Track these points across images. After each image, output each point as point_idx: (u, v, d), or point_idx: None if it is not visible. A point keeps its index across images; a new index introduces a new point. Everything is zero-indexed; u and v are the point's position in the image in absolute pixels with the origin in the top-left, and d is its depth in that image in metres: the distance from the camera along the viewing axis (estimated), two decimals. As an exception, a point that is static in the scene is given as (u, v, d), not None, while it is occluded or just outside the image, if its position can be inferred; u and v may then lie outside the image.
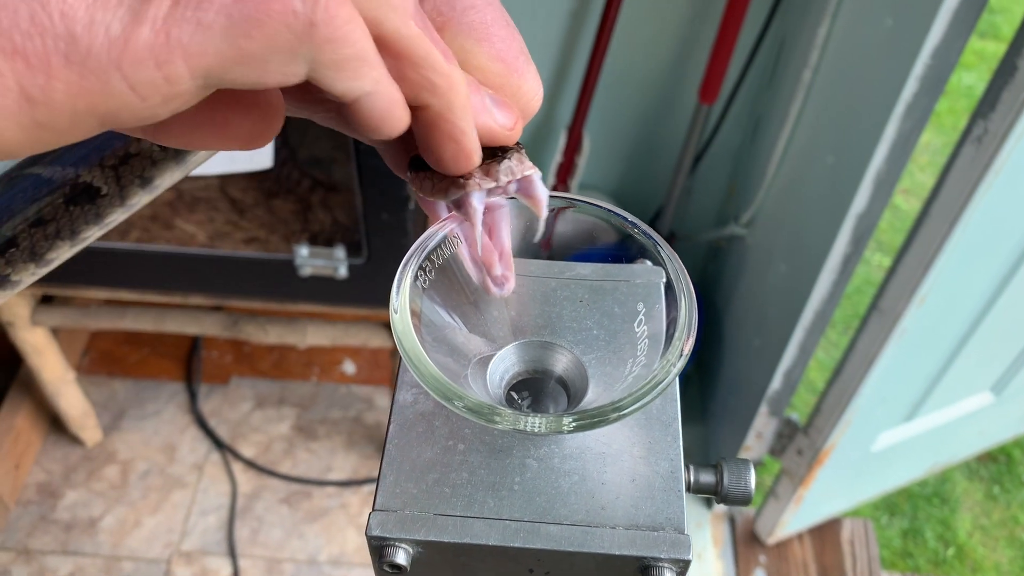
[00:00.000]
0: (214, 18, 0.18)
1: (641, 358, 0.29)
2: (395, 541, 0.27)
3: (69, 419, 1.44)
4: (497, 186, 0.25)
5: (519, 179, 0.25)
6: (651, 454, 0.29)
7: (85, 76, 0.17)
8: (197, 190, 1.20)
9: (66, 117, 0.18)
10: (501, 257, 0.30)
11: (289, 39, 0.18)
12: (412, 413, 0.30)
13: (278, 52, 0.18)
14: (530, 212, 0.31)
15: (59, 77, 0.17)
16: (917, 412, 1.26)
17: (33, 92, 0.17)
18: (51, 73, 0.17)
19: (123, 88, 0.18)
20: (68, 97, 0.17)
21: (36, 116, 0.18)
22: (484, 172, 0.25)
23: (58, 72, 0.17)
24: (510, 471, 0.28)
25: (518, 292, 0.32)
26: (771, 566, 1.41)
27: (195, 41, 0.18)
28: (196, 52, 0.18)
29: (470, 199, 0.25)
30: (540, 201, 0.26)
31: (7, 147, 0.18)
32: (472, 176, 0.25)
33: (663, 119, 1.38)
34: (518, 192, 0.26)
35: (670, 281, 0.29)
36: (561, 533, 0.27)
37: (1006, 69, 0.78)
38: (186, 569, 1.37)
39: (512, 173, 0.25)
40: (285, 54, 0.18)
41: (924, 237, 0.92)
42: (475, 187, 0.25)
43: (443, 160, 0.24)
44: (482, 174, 0.25)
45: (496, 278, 0.30)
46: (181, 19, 0.17)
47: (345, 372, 1.62)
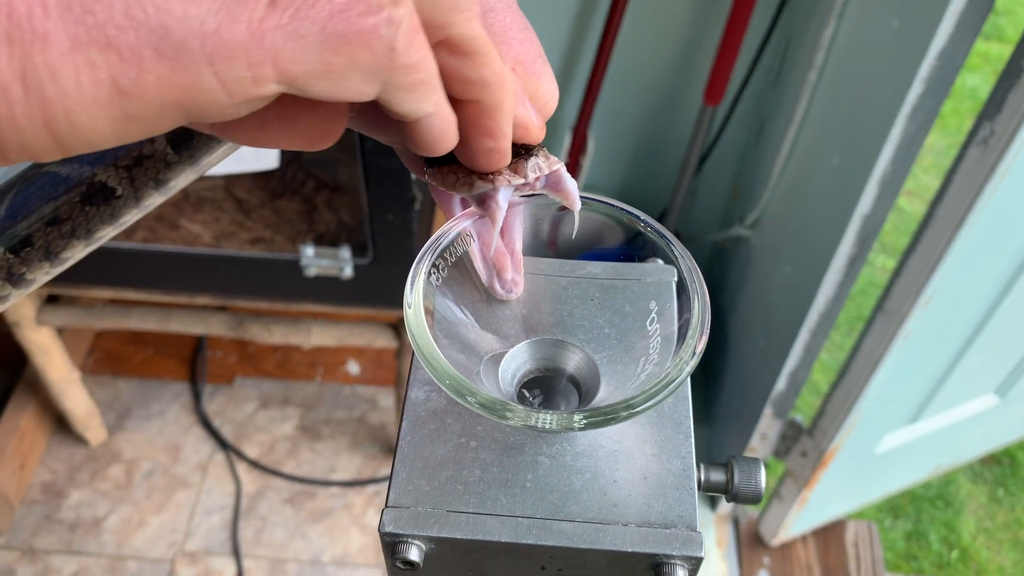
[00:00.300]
0: (309, 29, 0.18)
1: (653, 356, 0.29)
2: (408, 537, 0.27)
3: (74, 419, 1.45)
4: (526, 183, 0.25)
5: (547, 175, 0.26)
6: (663, 452, 0.29)
7: (176, 70, 0.18)
8: (203, 190, 1.20)
9: (154, 110, 0.18)
10: (512, 258, 0.30)
11: (370, 60, 0.19)
12: (424, 411, 0.30)
13: (359, 71, 0.19)
14: (540, 212, 0.31)
15: (151, 70, 0.18)
16: (921, 414, 1.26)
17: (125, 84, 0.18)
18: (143, 66, 0.17)
19: (213, 83, 0.18)
20: (158, 90, 0.18)
21: (126, 108, 0.18)
22: (512, 169, 0.25)
23: (150, 65, 0.17)
24: (522, 468, 0.29)
25: (529, 290, 0.32)
26: (775, 568, 1.40)
27: (288, 47, 0.18)
28: (287, 58, 0.18)
29: (497, 196, 0.25)
30: (571, 194, 0.27)
31: (96, 138, 0.18)
32: (501, 173, 0.25)
33: (668, 120, 1.38)
34: (547, 187, 0.26)
35: (682, 280, 0.29)
36: (573, 530, 0.27)
37: (1012, 71, 0.78)
38: (190, 569, 1.37)
39: (540, 169, 0.25)
40: (364, 73, 0.19)
41: (929, 239, 0.92)
42: (504, 183, 0.25)
43: (478, 156, 0.24)
44: (511, 171, 0.25)
45: (506, 281, 0.30)
46: (277, 25, 0.18)
47: (349, 372, 1.62)
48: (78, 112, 0.18)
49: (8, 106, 0.17)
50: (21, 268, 0.27)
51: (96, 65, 0.17)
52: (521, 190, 0.26)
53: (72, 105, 0.17)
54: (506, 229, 0.30)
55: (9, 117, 0.17)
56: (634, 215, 0.30)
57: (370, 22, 0.18)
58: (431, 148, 0.22)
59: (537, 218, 0.31)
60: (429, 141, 0.22)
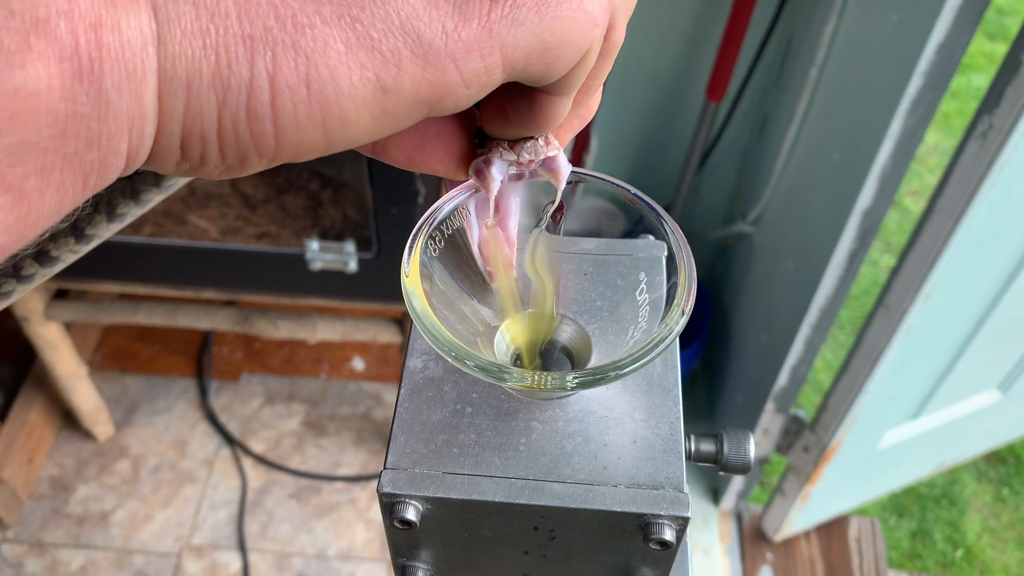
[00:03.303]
0: (526, 15, 0.20)
1: (642, 324, 0.30)
2: (405, 498, 0.28)
3: (82, 414, 1.46)
4: (518, 161, 0.26)
5: (542, 160, 0.26)
6: (652, 417, 0.30)
7: (427, 69, 0.20)
8: (209, 186, 1.22)
9: (408, 106, 0.20)
10: (506, 236, 0.31)
11: (578, 34, 0.21)
12: (422, 378, 0.31)
13: (570, 46, 0.21)
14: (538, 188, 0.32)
15: (407, 70, 0.19)
16: (924, 409, 1.26)
17: (387, 83, 0.19)
18: (401, 66, 0.19)
19: (455, 78, 0.20)
20: (412, 87, 0.20)
21: (385, 105, 0.20)
22: (510, 146, 0.26)
23: (407, 65, 0.19)
24: (516, 433, 0.29)
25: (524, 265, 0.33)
26: (778, 563, 1.41)
27: (511, 35, 0.20)
28: (511, 45, 0.20)
29: (491, 168, 0.26)
30: (559, 173, 0.28)
31: (357, 134, 0.20)
32: (498, 146, 0.26)
33: (671, 117, 1.39)
34: (541, 167, 0.27)
35: (671, 253, 0.30)
36: (565, 491, 0.28)
37: (1011, 65, 0.78)
38: (196, 563, 1.38)
39: (536, 153, 0.26)
40: (574, 49, 0.21)
41: (930, 232, 0.92)
42: (497, 156, 0.26)
43: (528, 118, 0.25)
44: (507, 148, 0.26)
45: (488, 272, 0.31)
46: (500, 16, 0.20)
47: (354, 369, 1.63)
48: (350, 110, 0.19)
49: (293, 106, 0.19)
50: (48, 244, 0.27)
51: (365, 66, 0.19)
52: (516, 167, 0.27)
53: (346, 103, 0.19)
54: (501, 206, 0.30)
55: (293, 117, 0.19)
56: (626, 188, 0.31)
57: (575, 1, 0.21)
58: (554, 122, 0.24)
59: (534, 193, 0.32)
60: (552, 118, 0.24)
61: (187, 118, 0.19)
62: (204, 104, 0.19)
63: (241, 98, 0.19)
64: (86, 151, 0.17)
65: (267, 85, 0.19)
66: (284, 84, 0.19)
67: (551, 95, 0.23)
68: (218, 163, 0.20)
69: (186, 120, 0.19)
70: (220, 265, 1.16)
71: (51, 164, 0.17)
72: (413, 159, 0.26)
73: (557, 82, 0.23)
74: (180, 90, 0.18)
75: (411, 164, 0.26)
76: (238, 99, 0.19)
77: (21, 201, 0.17)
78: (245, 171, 0.21)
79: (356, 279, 1.14)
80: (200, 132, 0.19)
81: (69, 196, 0.18)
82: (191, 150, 0.20)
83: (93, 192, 0.19)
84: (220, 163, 0.20)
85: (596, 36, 0.22)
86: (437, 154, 0.26)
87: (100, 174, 0.18)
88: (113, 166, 0.18)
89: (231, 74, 0.18)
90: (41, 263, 0.28)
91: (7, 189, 0.16)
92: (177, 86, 0.18)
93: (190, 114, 0.19)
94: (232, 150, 0.20)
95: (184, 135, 0.19)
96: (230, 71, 0.18)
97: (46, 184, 0.17)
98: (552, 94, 0.23)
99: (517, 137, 0.26)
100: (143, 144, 0.19)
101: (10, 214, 0.17)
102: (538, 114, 0.24)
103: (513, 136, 0.26)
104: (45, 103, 0.16)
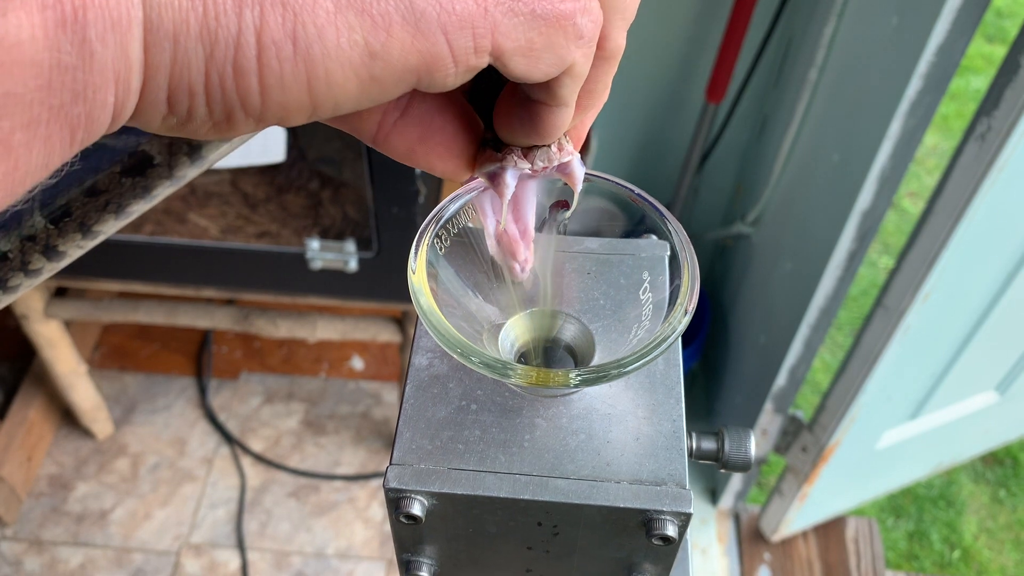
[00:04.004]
0: (522, 9, 0.20)
1: (645, 323, 0.30)
2: (411, 493, 0.28)
3: (81, 412, 1.46)
4: (532, 169, 0.26)
5: (555, 166, 0.27)
6: (654, 415, 0.30)
7: (417, 36, 0.20)
8: (210, 185, 1.22)
9: (395, 73, 0.20)
10: (523, 237, 0.31)
11: (562, 44, 0.21)
12: (427, 376, 0.31)
13: (552, 52, 0.21)
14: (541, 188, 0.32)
15: (396, 36, 0.19)
16: (922, 410, 1.27)
17: (375, 47, 0.19)
18: (391, 31, 0.19)
19: (444, 50, 0.20)
20: (401, 54, 0.20)
21: (373, 70, 0.20)
22: (523, 154, 0.26)
23: (396, 31, 0.19)
24: (520, 430, 0.30)
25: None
26: (776, 563, 1.41)
27: (504, 23, 0.20)
28: (502, 33, 0.20)
29: (504, 175, 0.26)
30: (574, 177, 0.28)
31: (343, 99, 0.20)
32: (512, 154, 0.26)
33: (670, 118, 1.40)
34: (556, 170, 0.27)
35: (674, 253, 0.30)
36: (568, 487, 0.28)
37: (1009, 67, 0.79)
38: (195, 561, 1.38)
39: (549, 160, 0.26)
40: (555, 56, 0.21)
41: (928, 233, 0.93)
42: (511, 164, 0.26)
43: (530, 128, 0.25)
44: (520, 156, 0.26)
45: (514, 268, 0.31)
46: (498, 2, 0.20)
47: (354, 368, 1.64)
48: (335, 72, 0.19)
49: (279, 63, 0.19)
50: (56, 239, 0.28)
51: (353, 28, 0.19)
52: (530, 174, 0.27)
53: (332, 64, 0.19)
54: (519, 207, 0.30)
55: (278, 74, 0.19)
56: (630, 189, 0.31)
57: (568, 7, 0.21)
58: (557, 132, 0.25)
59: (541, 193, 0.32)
60: (554, 129, 0.24)
61: (174, 71, 0.19)
62: (192, 57, 0.18)
63: (228, 52, 0.18)
64: (72, 103, 0.17)
65: (254, 40, 0.18)
66: (271, 40, 0.18)
67: (548, 106, 0.23)
68: (205, 119, 0.20)
69: (173, 73, 0.19)
70: (220, 264, 1.16)
71: (37, 117, 0.17)
72: (414, 152, 0.25)
73: (550, 92, 0.23)
74: (167, 42, 0.18)
75: (411, 157, 0.25)
76: (225, 53, 0.18)
77: (8, 155, 0.16)
78: (232, 131, 0.21)
79: (356, 278, 1.14)
80: (188, 86, 0.19)
81: (57, 150, 0.18)
82: (178, 104, 0.19)
83: (81, 147, 0.18)
84: (207, 119, 0.20)
85: (580, 52, 0.22)
86: (438, 151, 0.26)
87: (87, 128, 0.18)
88: (100, 120, 0.18)
89: (219, 27, 0.18)
90: (49, 258, 0.29)
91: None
92: (163, 37, 0.18)
93: (177, 67, 0.19)
94: (219, 106, 0.19)
95: (171, 88, 0.19)
96: (217, 24, 0.18)
97: (33, 138, 0.17)
98: (549, 104, 0.23)
99: (528, 144, 0.26)
100: (129, 97, 0.19)
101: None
102: (539, 124, 0.24)
103: (524, 143, 0.26)
104: (29, 53, 0.16)
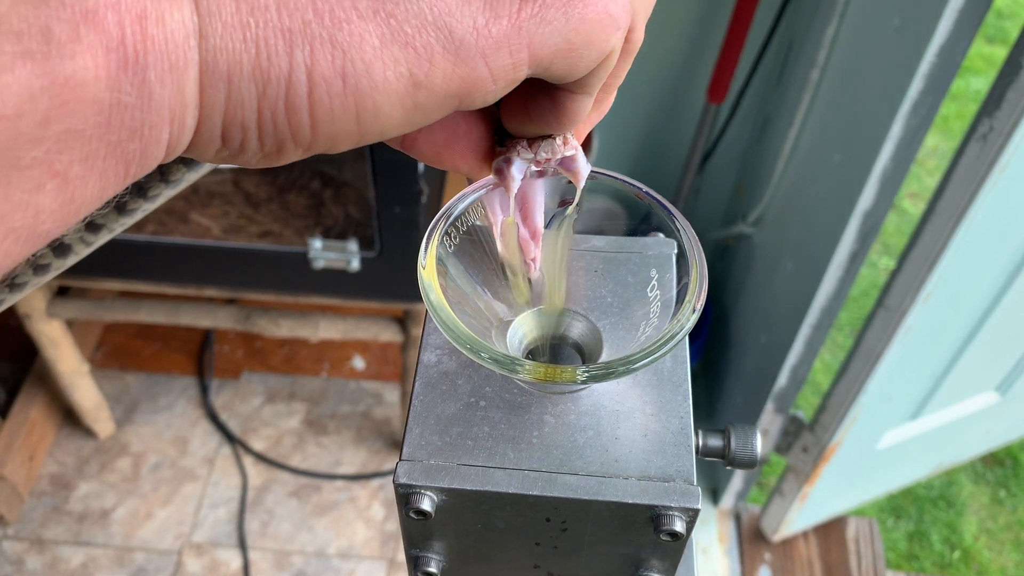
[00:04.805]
0: (554, 15, 0.21)
1: (653, 320, 0.30)
2: (421, 489, 0.28)
3: (83, 411, 1.46)
4: (536, 160, 0.27)
5: (559, 159, 0.27)
6: (662, 412, 0.30)
7: (458, 64, 0.20)
8: (212, 184, 1.22)
9: (439, 100, 0.21)
10: (533, 235, 0.31)
11: (602, 37, 0.22)
12: (436, 372, 0.31)
13: (593, 48, 0.22)
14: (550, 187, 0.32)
15: (439, 65, 0.20)
16: (922, 410, 1.27)
17: (419, 77, 0.20)
18: (433, 61, 0.20)
19: (484, 73, 0.21)
20: (444, 81, 0.20)
21: (417, 99, 0.20)
22: (528, 145, 0.26)
23: (438, 60, 0.20)
24: (529, 426, 0.30)
25: None
26: (776, 563, 1.41)
27: (539, 33, 0.21)
28: (538, 44, 0.21)
29: (510, 167, 0.27)
30: (578, 173, 0.28)
31: (388, 127, 0.21)
32: (516, 144, 0.26)
33: (672, 118, 1.40)
34: (560, 166, 0.28)
35: (682, 250, 0.31)
36: (577, 483, 0.28)
37: (1011, 68, 0.79)
38: (196, 561, 1.38)
39: (553, 152, 0.27)
40: (596, 50, 0.22)
41: (930, 233, 0.93)
42: (516, 154, 0.26)
43: (551, 116, 0.26)
44: (525, 146, 0.26)
45: (528, 264, 0.31)
46: (530, 15, 0.21)
47: (355, 368, 1.64)
48: (383, 103, 0.20)
49: (330, 99, 0.20)
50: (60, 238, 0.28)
51: (399, 61, 0.20)
52: (534, 164, 0.28)
53: (379, 96, 0.20)
54: (528, 204, 0.31)
55: (329, 109, 0.20)
56: (637, 186, 0.32)
57: (601, 3, 0.21)
58: (576, 120, 0.25)
59: (548, 189, 0.32)
60: (575, 116, 0.25)
61: (228, 109, 0.19)
62: (245, 96, 0.19)
63: (280, 90, 0.19)
64: (129, 140, 0.18)
65: (305, 78, 0.19)
66: (321, 77, 0.19)
67: (574, 94, 0.24)
68: (256, 151, 0.21)
69: (227, 111, 0.19)
70: (222, 263, 1.17)
71: (95, 152, 0.17)
72: (440, 155, 0.26)
73: (580, 81, 0.23)
74: (221, 82, 0.19)
75: (437, 160, 0.26)
76: (277, 91, 0.19)
77: (66, 187, 0.17)
78: (281, 159, 0.22)
79: (359, 278, 1.14)
80: (241, 122, 0.20)
81: (111, 183, 0.18)
82: (231, 139, 0.20)
83: (134, 180, 0.19)
84: (259, 150, 0.21)
85: (618, 38, 0.22)
86: (463, 153, 0.26)
87: (141, 163, 0.19)
88: (154, 155, 0.19)
89: (271, 67, 0.19)
90: (56, 254, 0.29)
91: (54, 175, 0.17)
92: (218, 78, 0.19)
93: (231, 105, 0.19)
94: (271, 139, 0.20)
95: (225, 125, 0.20)
96: (269, 64, 0.19)
97: (90, 171, 0.17)
98: (575, 92, 0.24)
99: (536, 135, 0.26)
100: (184, 134, 0.19)
101: (55, 199, 0.17)
102: (560, 112, 0.25)
103: (533, 134, 0.26)
104: (92, 92, 0.17)
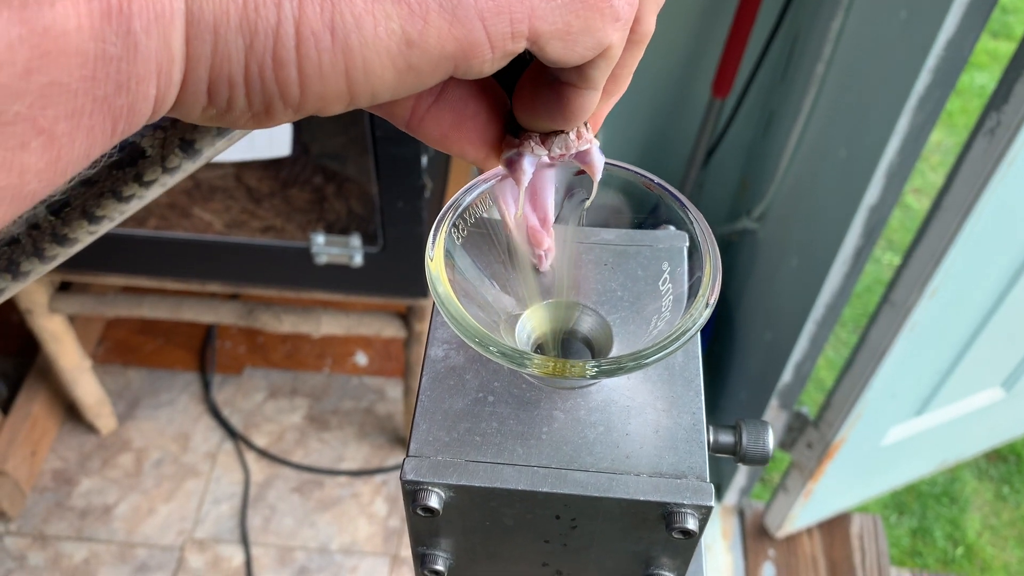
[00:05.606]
0: None
1: (665, 314, 0.30)
2: (428, 485, 0.28)
3: (85, 407, 1.46)
4: (550, 156, 0.26)
5: (573, 154, 0.26)
6: (674, 408, 0.30)
7: (454, 24, 0.19)
8: (214, 179, 1.22)
9: (432, 61, 0.20)
10: (544, 224, 0.31)
11: (599, 27, 0.21)
12: (443, 367, 0.31)
13: (588, 35, 0.21)
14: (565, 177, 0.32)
15: (433, 23, 0.19)
16: (927, 407, 1.26)
17: (413, 36, 0.19)
18: (428, 19, 0.19)
19: (481, 37, 0.20)
20: (438, 42, 0.20)
21: (410, 59, 0.20)
22: (541, 140, 0.26)
23: (433, 18, 0.19)
24: (538, 422, 0.29)
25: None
26: (780, 560, 1.41)
27: (541, 7, 0.20)
28: (539, 17, 0.20)
29: (522, 161, 0.26)
30: (594, 167, 0.27)
31: (380, 88, 0.20)
32: (529, 139, 0.26)
33: (676, 113, 1.39)
34: (575, 158, 0.27)
35: (694, 243, 0.30)
36: (587, 479, 0.28)
37: (1019, 62, 0.78)
38: (199, 556, 1.38)
39: (567, 147, 0.26)
40: (592, 39, 0.21)
41: (936, 229, 0.92)
42: (528, 150, 0.26)
43: (556, 111, 0.25)
44: (538, 142, 0.26)
45: (540, 256, 0.31)
46: None
47: (357, 363, 1.63)
48: (373, 61, 0.19)
49: (318, 54, 0.19)
50: (63, 229, 0.28)
51: (391, 17, 0.19)
52: (548, 160, 0.27)
53: (369, 54, 0.19)
54: (538, 194, 0.30)
55: (317, 64, 0.19)
56: (649, 178, 0.31)
57: None
58: (583, 115, 0.24)
59: (559, 181, 0.32)
60: (581, 112, 0.24)
61: (215, 62, 0.19)
62: (232, 48, 0.19)
63: (268, 43, 0.19)
64: (115, 95, 0.17)
65: (293, 31, 0.18)
66: (309, 31, 0.19)
67: (579, 88, 0.23)
68: (244, 110, 0.20)
69: (214, 64, 0.19)
70: (225, 259, 1.16)
71: (81, 107, 0.17)
72: (447, 138, 0.25)
73: (582, 75, 0.23)
74: (208, 34, 0.18)
75: (444, 143, 0.26)
76: (265, 44, 0.19)
77: (52, 145, 0.16)
78: (270, 120, 0.21)
79: (361, 273, 1.14)
80: (228, 77, 0.19)
81: (98, 141, 0.18)
82: (218, 96, 0.20)
83: (121, 138, 0.18)
84: (246, 109, 0.20)
85: (618, 32, 0.22)
86: (470, 137, 0.26)
87: (128, 119, 0.18)
88: (141, 111, 0.18)
89: (258, 18, 0.18)
90: (60, 244, 0.28)
91: (39, 132, 0.16)
92: (205, 29, 0.18)
93: (218, 58, 0.19)
94: (258, 96, 0.20)
95: (211, 80, 0.19)
96: (257, 15, 0.18)
97: (76, 128, 0.17)
98: (579, 87, 0.23)
99: (548, 130, 0.26)
100: (171, 89, 0.19)
101: (41, 158, 0.16)
102: (566, 107, 0.24)
103: (544, 128, 0.26)
104: (75, 43, 0.16)
